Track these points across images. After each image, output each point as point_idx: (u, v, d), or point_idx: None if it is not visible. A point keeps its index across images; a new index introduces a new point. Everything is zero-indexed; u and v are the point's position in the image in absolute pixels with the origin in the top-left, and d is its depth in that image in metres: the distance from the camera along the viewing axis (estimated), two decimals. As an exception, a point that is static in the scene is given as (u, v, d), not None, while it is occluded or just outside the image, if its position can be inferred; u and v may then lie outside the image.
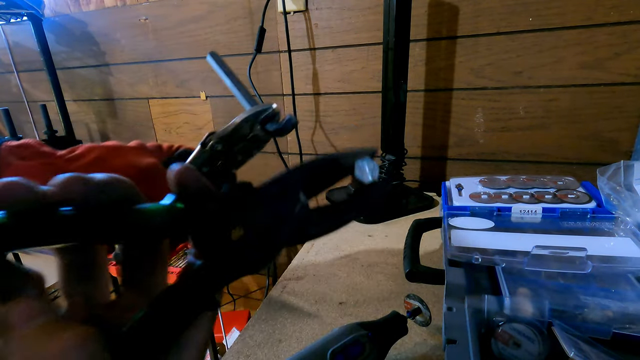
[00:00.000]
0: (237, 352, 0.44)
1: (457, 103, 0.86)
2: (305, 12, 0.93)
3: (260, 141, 0.35)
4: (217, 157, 0.34)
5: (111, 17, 1.16)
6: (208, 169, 0.34)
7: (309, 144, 1.06)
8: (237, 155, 0.34)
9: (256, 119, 0.34)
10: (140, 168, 0.31)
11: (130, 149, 0.33)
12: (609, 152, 0.78)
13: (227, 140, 0.34)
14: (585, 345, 0.29)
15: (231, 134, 0.34)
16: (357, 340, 0.36)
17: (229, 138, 0.34)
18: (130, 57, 1.20)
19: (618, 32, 0.70)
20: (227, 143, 0.34)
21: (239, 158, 0.35)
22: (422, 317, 0.44)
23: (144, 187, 0.22)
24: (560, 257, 0.36)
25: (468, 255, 0.39)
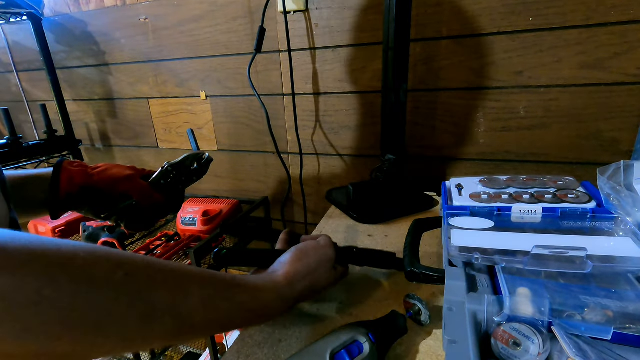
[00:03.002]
0: (237, 352, 0.44)
1: (457, 103, 0.86)
2: (305, 12, 0.93)
3: (198, 173, 0.57)
4: (168, 175, 0.55)
5: (111, 16, 1.16)
6: (164, 182, 0.55)
7: (309, 144, 1.06)
8: (182, 177, 0.57)
9: (195, 157, 0.57)
10: (126, 174, 0.53)
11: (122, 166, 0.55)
12: (609, 152, 0.78)
13: (175, 166, 0.56)
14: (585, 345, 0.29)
15: (178, 163, 0.56)
16: (357, 340, 0.36)
17: (176, 165, 0.56)
18: (130, 57, 1.20)
19: (618, 32, 0.70)
20: (175, 168, 0.56)
21: (183, 179, 0.57)
22: (422, 317, 0.45)
23: (127, 185, 0.52)
24: (560, 257, 0.36)
25: (468, 255, 0.39)
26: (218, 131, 1.17)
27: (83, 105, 1.36)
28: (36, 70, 1.37)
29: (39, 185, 0.49)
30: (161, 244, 1.01)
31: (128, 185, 0.52)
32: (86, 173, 0.51)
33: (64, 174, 0.49)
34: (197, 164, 0.56)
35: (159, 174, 0.55)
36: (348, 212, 0.81)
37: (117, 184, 0.51)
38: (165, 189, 0.55)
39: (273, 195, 1.17)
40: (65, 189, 0.48)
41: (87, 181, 0.50)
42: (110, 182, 0.51)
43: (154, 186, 0.55)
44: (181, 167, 0.56)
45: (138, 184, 0.53)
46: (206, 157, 0.58)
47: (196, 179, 0.57)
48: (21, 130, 1.52)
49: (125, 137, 1.34)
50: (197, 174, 0.57)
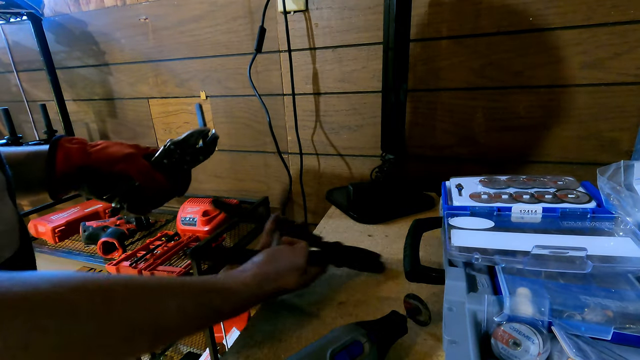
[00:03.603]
0: (237, 352, 0.44)
1: (457, 103, 0.86)
2: (305, 12, 0.93)
3: (204, 152, 0.53)
4: (171, 154, 0.51)
5: (111, 16, 1.16)
6: (167, 161, 0.51)
7: (309, 144, 1.06)
8: (187, 156, 0.52)
9: (200, 134, 0.52)
10: (126, 153, 0.48)
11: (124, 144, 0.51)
12: (609, 152, 0.78)
13: (178, 144, 0.51)
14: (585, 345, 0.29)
15: (182, 140, 0.51)
16: (356, 340, 0.36)
17: (180, 143, 0.51)
18: (130, 57, 1.20)
19: (618, 32, 0.70)
20: (179, 146, 0.51)
21: (188, 158, 0.52)
22: (422, 317, 0.44)
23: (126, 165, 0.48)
24: (560, 257, 0.36)
25: (468, 255, 0.39)
26: (218, 131, 1.17)
27: (83, 105, 1.36)
28: (36, 70, 1.37)
29: (37, 163, 0.46)
30: (161, 244, 1.01)
31: (127, 166, 0.48)
32: (84, 151, 0.47)
33: (60, 153, 0.46)
34: (203, 141, 0.52)
35: (161, 152, 0.51)
36: (348, 212, 0.81)
37: (115, 164, 0.47)
38: (169, 169, 0.51)
39: (273, 195, 1.17)
40: (61, 168, 0.45)
41: (84, 160, 0.47)
42: (108, 161, 0.47)
43: (156, 166, 0.50)
44: (185, 145, 0.51)
45: (138, 164, 0.48)
46: (212, 134, 0.53)
47: (202, 158, 0.53)
48: (21, 130, 1.52)
49: (125, 137, 1.34)
50: (203, 152, 0.53)
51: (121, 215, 1.17)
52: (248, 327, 0.48)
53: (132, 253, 0.95)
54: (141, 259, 0.91)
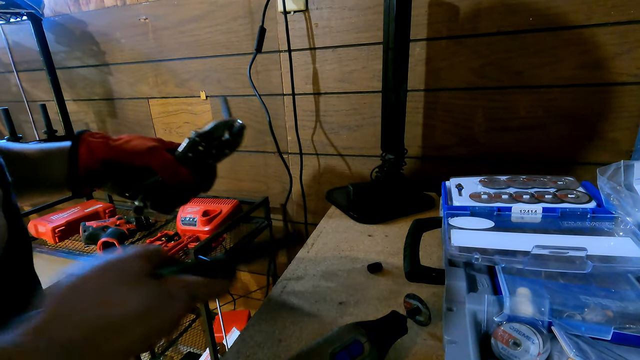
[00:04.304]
0: (237, 352, 0.44)
1: (457, 103, 0.86)
2: (305, 12, 0.93)
3: (230, 144, 0.48)
4: (196, 146, 0.47)
5: (111, 16, 1.16)
6: (192, 155, 0.47)
7: (309, 144, 1.06)
8: (212, 149, 0.47)
9: (225, 126, 0.48)
10: (149, 146, 0.46)
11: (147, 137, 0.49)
12: (609, 152, 0.78)
13: (203, 136, 0.47)
14: (585, 345, 0.29)
15: (207, 132, 0.47)
16: (356, 340, 0.36)
17: (205, 134, 0.47)
18: (130, 57, 1.20)
19: (618, 32, 0.70)
20: (204, 138, 0.47)
21: (213, 151, 0.48)
22: (422, 316, 0.44)
23: (149, 158, 0.44)
24: (560, 257, 0.36)
25: (468, 255, 0.39)
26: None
27: (83, 105, 1.36)
28: (36, 70, 1.37)
29: (60, 159, 0.44)
30: (161, 244, 1.01)
31: (149, 158, 0.45)
32: (107, 144, 0.46)
33: (83, 147, 0.44)
34: (229, 133, 0.48)
35: (185, 146, 0.48)
36: (348, 212, 0.81)
37: (137, 157, 0.45)
38: (194, 163, 0.47)
39: (273, 195, 1.17)
40: (84, 163, 0.44)
41: (108, 154, 0.45)
42: (131, 154, 0.45)
43: (180, 160, 0.47)
44: (210, 137, 0.48)
45: (161, 157, 0.45)
46: (238, 125, 0.49)
47: (228, 151, 0.49)
48: (21, 130, 1.52)
49: (125, 137, 1.34)
50: (229, 145, 0.48)
51: (121, 215, 1.17)
52: (248, 327, 0.48)
53: (132, 253, 0.95)
54: (141, 259, 0.91)
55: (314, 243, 0.70)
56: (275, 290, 0.56)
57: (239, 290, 1.41)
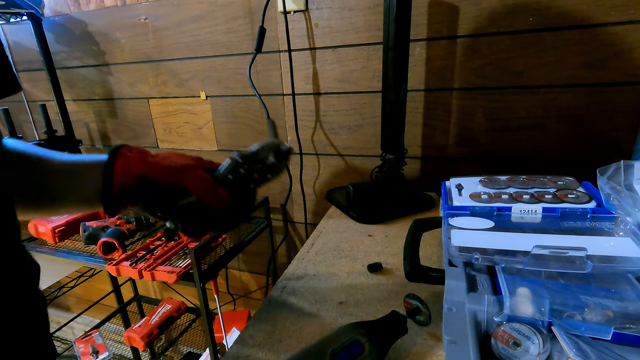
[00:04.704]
0: (237, 352, 0.44)
1: (457, 103, 0.86)
2: (305, 12, 0.93)
3: (274, 169, 0.45)
4: (237, 168, 0.44)
5: (111, 16, 1.16)
6: (232, 177, 0.44)
7: (309, 144, 1.06)
8: (254, 172, 0.44)
9: (271, 148, 0.45)
10: (185, 164, 0.44)
11: (186, 155, 0.46)
12: (609, 152, 0.78)
13: (246, 157, 0.44)
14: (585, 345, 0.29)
15: (251, 154, 0.45)
16: (356, 340, 0.36)
17: (249, 156, 0.45)
18: (130, 57, 1.20)
19: (618, 32, 0.70)
20: (247, 160, 0.44)
21: (255, 175, 0.45)
22: (422, 316, 0.44)
23: (185, 176, 0.42)
24: (560, 257, 0.36)
25: (468, 255, 0.39)
26: (218, 131, 1.17)
27: (83, 105, 1.36)
28: (36, 70, 1.37)
29: (94, 173, 0.42)
30: (161, 244, 1.01)
31: (185, 177, 0.42)
32: (144, 160, 0.43)
33: (119, 161, 0.42)
34: (274, 156, 0.44)
35: (227, 167, 0.45)
36: (348, 212, 0.81)
37: (173, 174, 0.43)
38: (233, 186, 0.44)
39: (273, 195, 1.17)
40: (120, 179, 0.41)
41: (144, 170, 0.42)
42: (167, 171, 0.43)
43: (219, 182, 0.44)
44: (253, 159, 0.45)
45: (197, 176, 0.43)
46: (285, 148, 0.45)
47: (271, 176, 0.46)
48: (21, 130, 1.52)
49: (125, 137, 1.34)
50: (273, 170, 0.45)
51: (121, 215, 1.17)
52: (248, 327, 0.48)
53: (132, 253, 0.95)
54: (141, 259, 0.91)
55: (314, 243, 0.70)
56: (275, 290, 0.56)
57: (239, 290, 1.41)
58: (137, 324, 1.31)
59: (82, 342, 1.34)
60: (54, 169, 0.42)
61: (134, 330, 1.28)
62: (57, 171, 0.42)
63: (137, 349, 1.45)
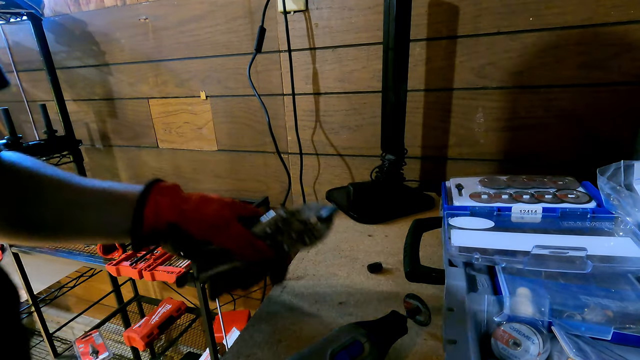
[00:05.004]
0: (237, 352, 0.44)
1: (457, 103, 0.86)
2: (305, 12, 0.93)
3: (314, 232, 0.44)
4: (277, 223, 0.43)
5: (111, 16, 1.16)
6: (270, 231, 0.43)
7: (309, 144, 1.06)
8: (292, 232, 0.43)
9: (316, 210, 0.44)
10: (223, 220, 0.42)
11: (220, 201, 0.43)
12: (609, 152, 0.78)
13: (290, 213, 0.44)
14: (585, 345, 0.29)
15: (294, 211, 0.44)
16: (356, 340, 0.36)
17: (292, 212, 0.44)
18: (130, 57, 1.20)
19: (618, 32, 0.70)
20: (290, 215, 0.44)
21: (293, 235, 0.43)
22: (422, 316, 0.44)
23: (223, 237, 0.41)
24: (560, 257, 0.36)
25: (468, 255, 0.39)
26: (218, 131, 1.17)
27: (83, 105, 1.36)
28: (36, 70, 1.37)
29: (124, 209, 0.40)
30: (161, 244, 1.01)
31: (220, 235, 0.41)
32: (177, 207, 0.41)
33: (150, 206, 0.40)
34: (317, 217, 0.43)
35: (269, 220, 0.44)
36: (348, 212, 0.81)
37: (206, 231, 0.41)
38: (269, 242, 0.43)
39: (273, 195, 1.17)
40: (150, 223, 0.40)
41: (176, 219, 0.41)
42: (200, 226, 0.41)
43: (257, 234, 0.43)
44: (296, 217, 0.44)
45: (233, 232, 0.41)
46: (329, 212, 0.44)
47: (309, 241, 0.44)
48: (21, 130, 1.52)
49: (125, 137, 1.34)
50: (312, 233, 0.43)
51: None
52: (248, 327, 0.48)
53: (132, 253, 0.95)
54: (141, 259, 0.91)
55: (314, 243, 0.70)
56: (275, 290, 0.56)
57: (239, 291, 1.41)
58: (137, 324, 1.31)
59: (82, 342, 1.34)
60: (82, 206, 0.39)
61: (134, 330, 1.28)
62: (86, 208, 0.39)
63: (137, 349, 1.45)
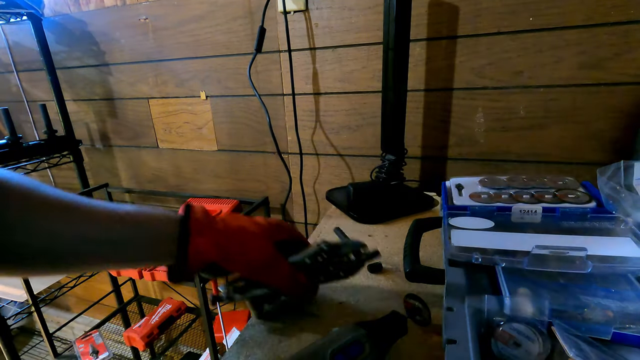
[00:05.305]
0: (237, 352, 0.44)
1: (457, 103, 0.86)
2: (305, 12, 0.93)
3: (350, 267, 0.46)
4: (316, 256, 0.45)
5: (111, 16, 1.16)
6: (310, 262, 0.45)
7: (309, 144, 1.06)
8: (330, 266, 0.45)
9: (355, 247, 0.46)
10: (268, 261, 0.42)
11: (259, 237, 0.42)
12: (609, 152, 0.78)
13: (331, 247, 0.45)
14: (585, 345, 0.29)
15: (335, 245, 0.46)
16: (356, 340, 0.36)
17: (333, 247, 0.45)
18: (130, 57, 1.20)
19: (618, 32, 0.70)
20: (330, 248, 0.45)
21: (330, 269, 0.45)
22: (422, 317, 0.44)
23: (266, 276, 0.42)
24: (560, 257, 0.36)
25: (468, 255, 0.39)
26: (218, 131, 1.17)
27: (83, 105, 1.36)
28: (36, 70, 1.37)
29: (162, 249, 0.38)
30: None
31: (266, 276, 0.41)
32: (219, 248, 0.39)
33: (191, 251, 0.37)
34: (355, 255, 0.46)
35: (310, 252, 0.45)
36: (348, 212, 0.81)
37: (255, 273, 0.41)
38: (306, 272, 0.45)
39: (273, 195, 1.17)
40: (192, 265, 0.38)
41: (218, 259, 0.39)
42: (248, 269, 0.41)
43: (296, 265, 0.44)
44: (335, 251, 0.45)
45: (280, 273, 0.42)
46: (369, 251, 0.46)
47: (344, 275, 0.46)
48: (21, 130, 1.52)
49: (125, 137, 1.34)
50: (347, 269, 0.46)
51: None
52: (248, 327, 0.48)
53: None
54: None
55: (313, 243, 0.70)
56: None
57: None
58: (137, 324, 1.31)
59: (82, 342, 1.33)
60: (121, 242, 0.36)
61: (134, 330, 1.28)
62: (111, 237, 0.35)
63: (137, 349, 1.45)
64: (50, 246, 0.32)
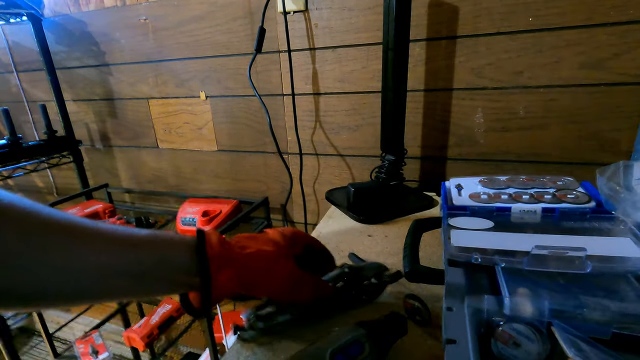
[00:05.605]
0: (237, 352, 0.44)
1: (457, 103, 0.86)
2: (305, 12, 0.93)
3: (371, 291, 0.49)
4: (342, 277, 0.47)
5: (111, 17, 1.16)
6: (332, 283, 0.47)
7: (308, 144, 1.06)
8: (352, 289, 0.47)
9: (377, 269, 0.48)
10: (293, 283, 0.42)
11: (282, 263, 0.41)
12: (609, 152, 0.78)
13: (354, 270, 0.47)
14: (585, 345, 0.29)
15: (358, 268, 0.48)
16: (356, 340, 0.36)
17: (355, 270, 0.47)
18: (130, 57, 1.20)
19: (618, 32, 0.70)
20: (353, 271, 0.47)
21: (353, 292, 0.47)
22: (421, 317, 0.44)
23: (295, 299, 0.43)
24: (559, 257, 0.36)
25: (468, 255, 0.39)
26: (218, 131, 1.17)
27: (83, 106, 1.36)
28: (36, 70, 1.37)
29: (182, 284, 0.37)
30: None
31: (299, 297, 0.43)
32: (241, 282, 0.38)
33: (214, 287, 0.36)
34: (377, 278, 0.48)
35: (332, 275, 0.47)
36: (348, 213, 0.81)
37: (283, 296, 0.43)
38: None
39: (273, 196, 1.17)
40: (215, 302, 0.38)
41: (241, 291, 0.39)
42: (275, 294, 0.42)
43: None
44: (358, 274, 0.47)
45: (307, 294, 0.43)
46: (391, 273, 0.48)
47: (366, 298, 0.49)
48: (21, 130, 1.52)
49: (125, 137, 1.34)
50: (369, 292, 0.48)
51: (121, 215, 1.17)
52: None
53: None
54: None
55: (313, 243, 0.70)
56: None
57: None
58: (137, 324, 1.31)
59: (82, 342, 1.33)
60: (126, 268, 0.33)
61: (134, 331, 1.28)
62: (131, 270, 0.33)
63: (137, 349, 1.45)
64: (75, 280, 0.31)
